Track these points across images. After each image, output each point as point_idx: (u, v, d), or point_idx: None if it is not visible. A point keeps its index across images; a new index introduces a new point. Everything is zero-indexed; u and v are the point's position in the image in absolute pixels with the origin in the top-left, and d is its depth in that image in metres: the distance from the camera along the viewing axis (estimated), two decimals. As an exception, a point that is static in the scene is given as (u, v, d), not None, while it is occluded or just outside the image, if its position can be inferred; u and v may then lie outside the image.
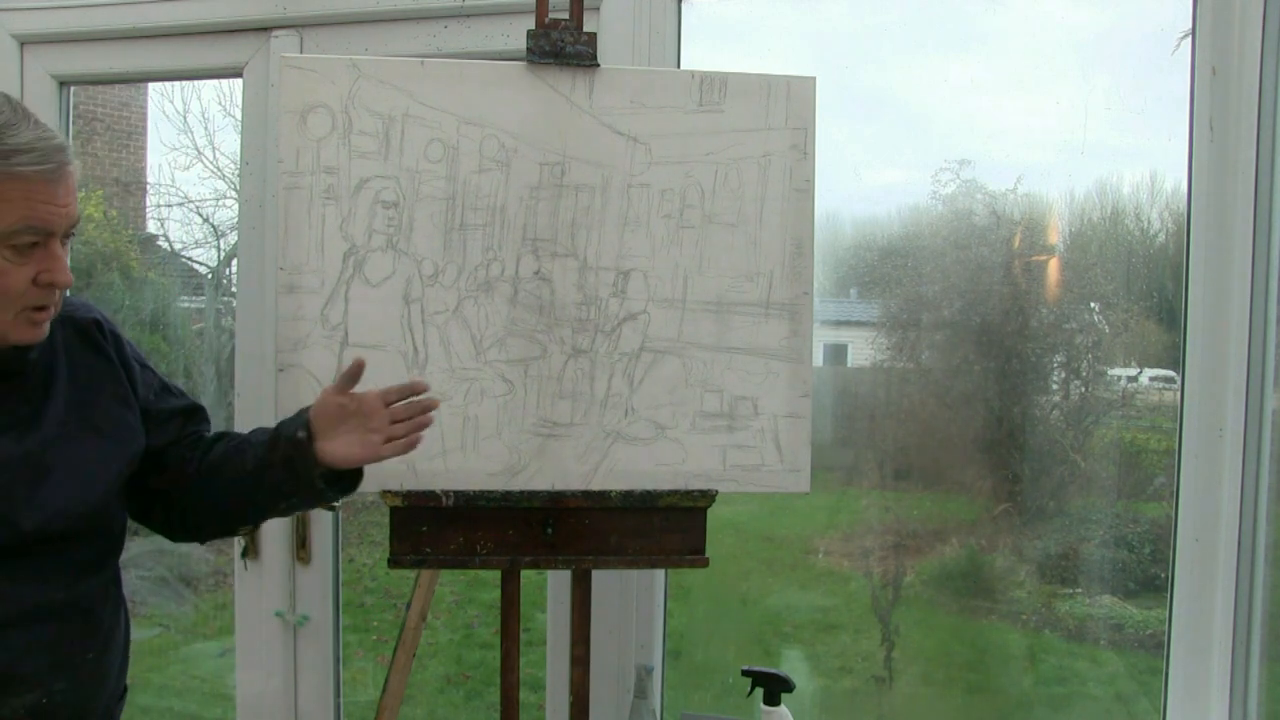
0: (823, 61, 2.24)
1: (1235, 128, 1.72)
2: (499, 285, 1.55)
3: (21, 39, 2.21)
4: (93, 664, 1.31)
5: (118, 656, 1.38)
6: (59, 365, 1.29)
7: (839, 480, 2.55)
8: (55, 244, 1.17)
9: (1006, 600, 2.53)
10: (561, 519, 1.55)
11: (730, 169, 1.58)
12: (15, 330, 1.18)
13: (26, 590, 1.23)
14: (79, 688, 1.29)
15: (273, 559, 2.17)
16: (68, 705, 1.28)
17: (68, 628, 1.28)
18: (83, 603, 1.30)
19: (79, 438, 1.29)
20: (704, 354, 1.58)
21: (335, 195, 1.51)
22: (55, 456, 1.26)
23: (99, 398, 1.33)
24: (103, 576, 1.35)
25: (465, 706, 3.92)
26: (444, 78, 1.54)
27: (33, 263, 1.15)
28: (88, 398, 1.32)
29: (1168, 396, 2.22)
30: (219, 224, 3.85)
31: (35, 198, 1.13)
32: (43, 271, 1.16)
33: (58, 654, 1.26)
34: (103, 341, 1.36)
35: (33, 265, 1.16)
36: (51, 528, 1.25)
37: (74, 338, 1.33)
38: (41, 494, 1.24)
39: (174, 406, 1.45)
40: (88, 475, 1.29)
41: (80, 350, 1.33)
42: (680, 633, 2.59)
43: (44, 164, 1.13)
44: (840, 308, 2.57)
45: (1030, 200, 2.31)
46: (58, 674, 1.26)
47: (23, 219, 1.12)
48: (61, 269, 1.18)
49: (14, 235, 1.12)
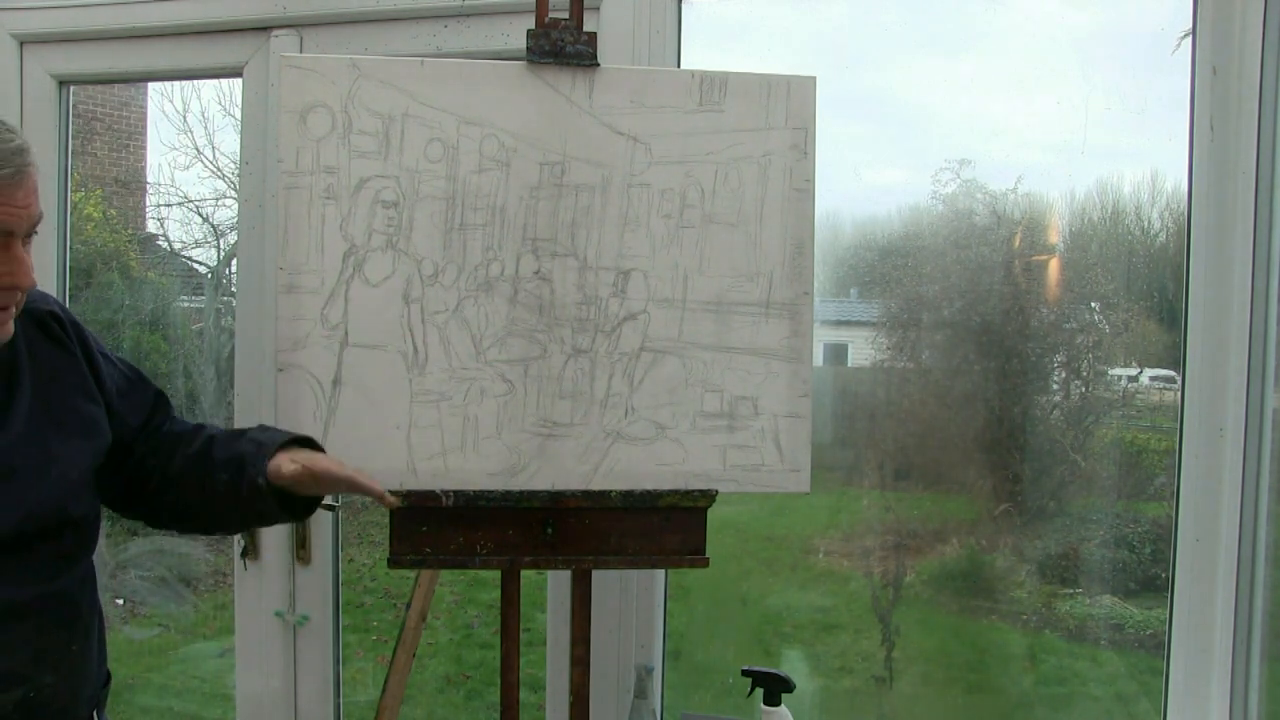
0: (823, 61, 2.24)
1: (1235, 128, 1.72)
2: (499, 285, 1.55)
3: (21, 39, 2.21)
4: (77, 655, 1.33)
5: (97, 645, 1.39)
6: (21, 361, 1.29)
7: (839, 480, 2.55)
8: (16, 244, 1.17)
9: (1007, 600, 2.53)
10: (561, 519, 1.55)
11: (730, 169, 1.58)
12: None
13: (5, 589, 1.23)
14: (65, 679, 1.30)
15: (273, 559, 2.17)
16: (56, 698, 1.29)
17: (49, 622, 1.28)
18: (62, 596, 1.31)
19: (46, 434, 1.29)
20: (704, 354, 1.58)
21: (335, 195, 1.51)
22: (23, 456, 1.26)
23: (63, 391, 1.33)
24: (80, 569, 1.35)
25: (465, 706, 3.92)
26: (444, 78, 1.54)
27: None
28: (52, 392, 1.31)
29: (1168, 396, 2.22)
30: (219, 224, 3.86)
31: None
32: (4, 274, 1.17)
33: (42, 648, 1.27)
34: (62, 334, 1.36)
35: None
36: (25, 527, 1.24)
37: (33, 330, 1.32)
38: (12, 495, 1.23)
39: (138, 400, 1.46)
40: (56, 473, 1.29)
41: (41, 343, 1.33)
42: (680, 633, 2.59)
43: (3, 169, 1.13)
44: (840, 308, 2.57)
45: (1030, 200, 2.31)
46: (43, 668, 1.27)
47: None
48: (23, 270, 1.18)
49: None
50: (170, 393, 3.39)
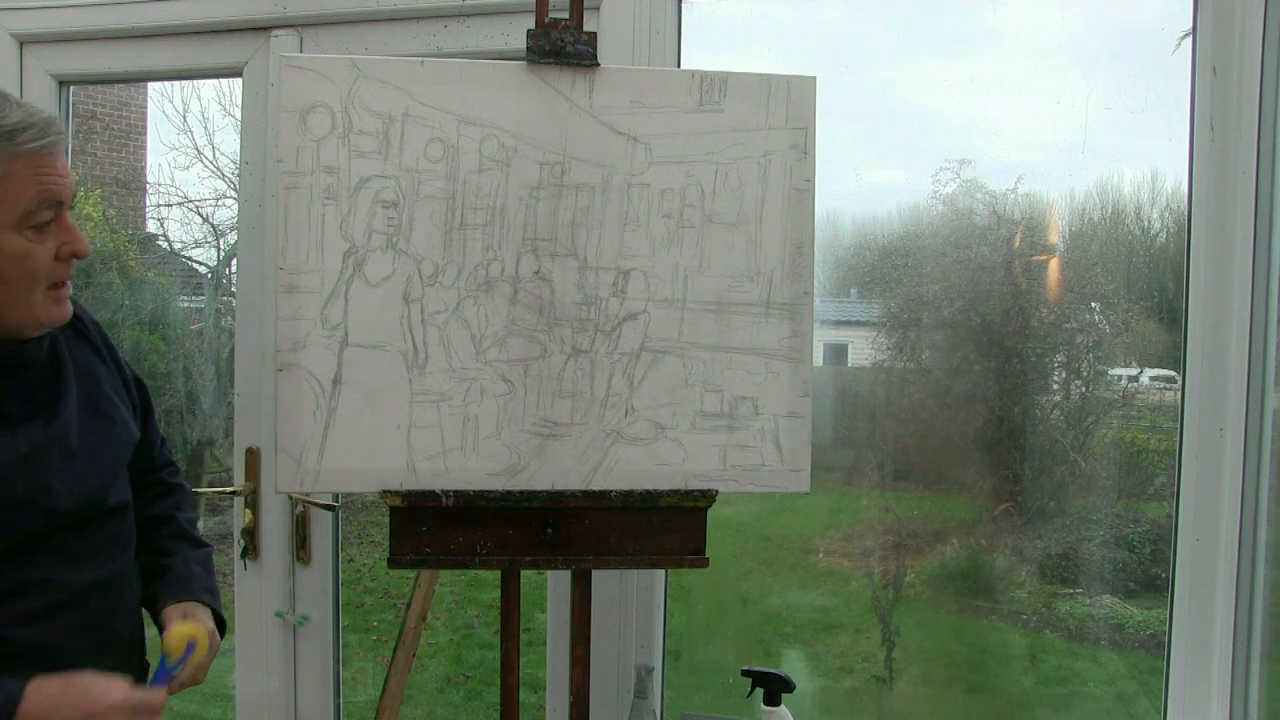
0: (823, 61, 2.24)
1: (1236, 128, 1.72)
2: (499, 285, 1.55)
3: (21, 38, 2.21)
4: (128, 637, 1.38)
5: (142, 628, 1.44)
6: (63, 350, 1.33)
7: (839, 480, 2.55)
8: (66, 215, 1.21)
9: (1007, 600, 2.53)
10: (561, 519, 1.55)
11: (730, 169, 1.58)
12: (45, 311, 1.22)
13: (74, 571, 1.26)
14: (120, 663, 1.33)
15: (273, 559, 2.17)
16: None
17: (110, 604, 1.33)
18: (119, 580, 1.35)
19: (93, 421, 1.34)
20: (704, 354, 1.58)
21: (335, 195, 1.51)
22: (78, 439, 1.30)
23: (99, 385, 1.37)
24: (131, 551, 1.40)
25: (465, 706, 3.92)
26: (444, 77, 1.54)
27: (51, 238, 1.19)
28: (90, 384, 1.36)
29: (1168, 396, 2.22)
30: (219, 224, 3.86)
31: (42, 172, 1.15)
32: (63, 244, 1.20)
33: (104, 631, 1.31)
34: (86, 331, 1.40)
35: (52, 240, 1.19)
36: (85, 507, 1.29)
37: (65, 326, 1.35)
38: (75, 474, 1.28)
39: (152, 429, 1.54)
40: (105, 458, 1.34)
41: (72, 340, 1.37)
42: (680, 633, 2.59)
43: (43, 138, 1.16)
44: (840, 308, 2.57)
45: (1030, 200, 2.31)
46: (105, 650, 1.30)
47: (37, 195, 1.15)
48: (79, 239, 1.22)
49: (34, 214, 1.15)
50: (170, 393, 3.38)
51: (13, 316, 1.20)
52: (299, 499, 2.11)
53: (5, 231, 1.15)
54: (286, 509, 2.15)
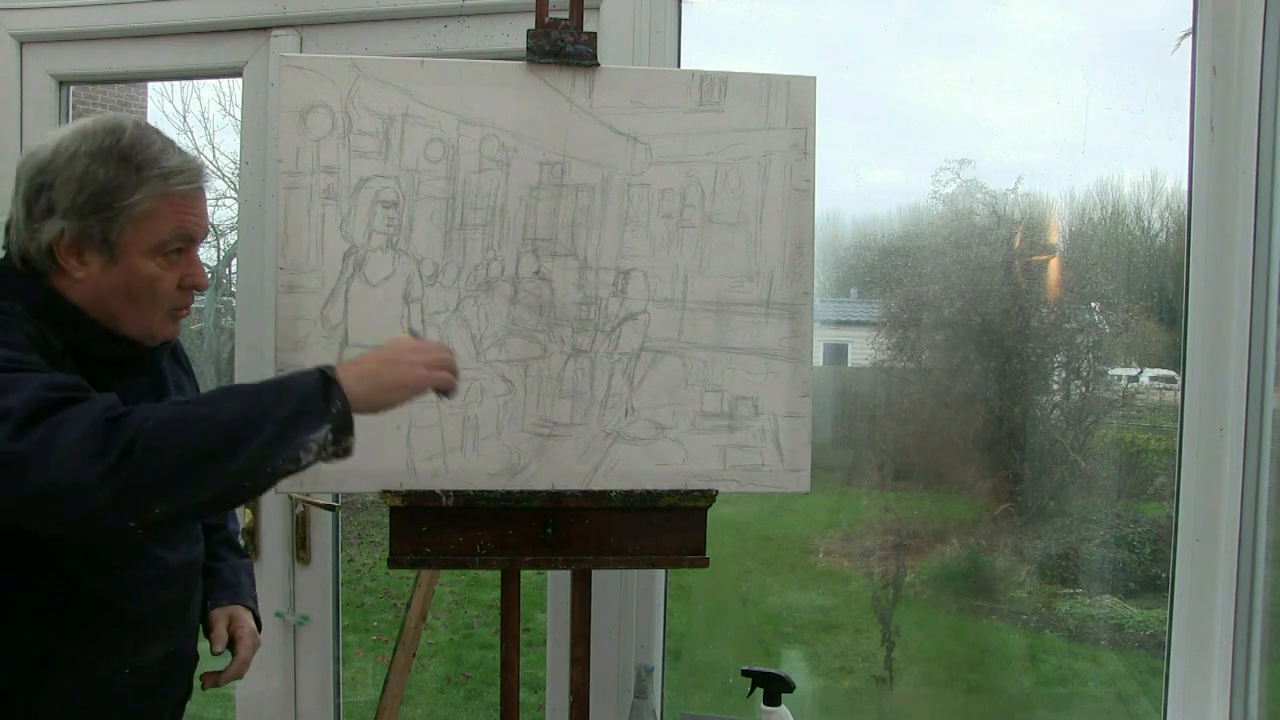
0: (823, 61, 2.24)
1: (1236, 128, 1.72)
2: (499, 285, 1.55)
3: (21, 38, 2.21)
4: (196, 617, 1.50)
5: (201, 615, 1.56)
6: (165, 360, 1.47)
7: (839, 480, 2.55)
8: (195, 251, 1.34)
9: (1007, 600, 2.53)
10: (561, 519, 1.55)
11: (730, 169, 1.58)
12: (161, 327, 1.35)
13: (170, 550, 1.39)
14: (192, 636, 1.49)
15: (273, 559, 2.17)
16: (188, 653, 1.48)
17: (191, 584, 1.46)
18: (200, 562, 1.49)
19: None
20: (704, 354, 1.58)
21: (335, 195, 1.51)
22: None
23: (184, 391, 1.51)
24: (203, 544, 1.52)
25: (465, 706, 3.93)
26: (444, 77, 1.54)
27: (178, 269, 1.31)
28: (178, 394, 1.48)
29: (1168, 396, 2.22)
30: (219, 224, 3.85)
31: (185, 212, 1.30)
32: (187, 275, 1.32)
33: (185, 608, 1.45)
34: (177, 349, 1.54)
35: (178, 271, 1.31)
36: None
37: None
38: None
39: None
40: None
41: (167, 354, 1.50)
42: (680, 633, 2.59)
43: (193, 183, 1.31)
44: (840, 308, 2.57)
45: (1030, 200, 2.31)
46: (182, 626, 1.45)
47: (174, 230, 1.29)
48: (202, 273, 1.36)
49: (167, 244, 1.29)
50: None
51: (133, 330, 1.32)
52: (299, 499, 2.11)
53: (140, 256, 1.27)
54: (286, 509, 2.15)
